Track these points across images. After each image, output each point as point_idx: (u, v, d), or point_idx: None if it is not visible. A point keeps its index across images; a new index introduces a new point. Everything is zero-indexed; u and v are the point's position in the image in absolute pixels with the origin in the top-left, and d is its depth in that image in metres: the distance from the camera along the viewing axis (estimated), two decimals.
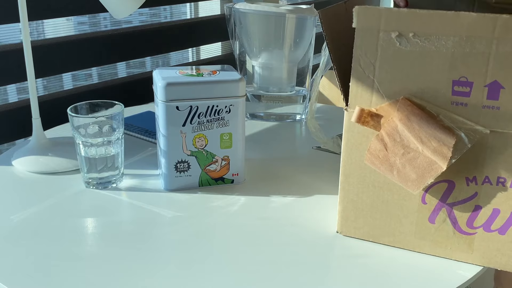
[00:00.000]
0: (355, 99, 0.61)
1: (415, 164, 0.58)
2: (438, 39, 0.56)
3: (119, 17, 0.86)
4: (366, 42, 0.59)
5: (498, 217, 0.59)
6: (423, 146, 0.57)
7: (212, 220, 0.72)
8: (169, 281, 0.59)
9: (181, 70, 0.78)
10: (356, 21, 0.58)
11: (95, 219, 0.72)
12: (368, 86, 0.60)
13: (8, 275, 0.59)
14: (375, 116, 0.60)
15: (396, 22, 0.57)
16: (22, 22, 0.82)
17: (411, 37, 0.57)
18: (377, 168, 0.61)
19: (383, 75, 0.59)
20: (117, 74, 1.37)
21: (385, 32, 0.57)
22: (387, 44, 0.58)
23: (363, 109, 0.60)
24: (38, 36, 1.25)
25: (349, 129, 0.63)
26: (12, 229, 0.68)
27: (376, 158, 0.60)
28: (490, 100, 0.56)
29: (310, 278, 0.60)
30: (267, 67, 1.05)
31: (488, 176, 0.58)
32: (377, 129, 0.60)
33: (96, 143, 0.76)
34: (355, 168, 0.64)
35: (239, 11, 1.03)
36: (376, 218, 0.65)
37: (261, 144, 0.88)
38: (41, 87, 1.25)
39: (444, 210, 0.61)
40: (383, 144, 0.59)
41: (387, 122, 0.59)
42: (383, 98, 0.60)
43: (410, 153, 0.58)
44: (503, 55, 0.54)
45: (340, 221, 0.67)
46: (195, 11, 1.51)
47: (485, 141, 0.57)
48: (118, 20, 1.34)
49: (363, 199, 0.65)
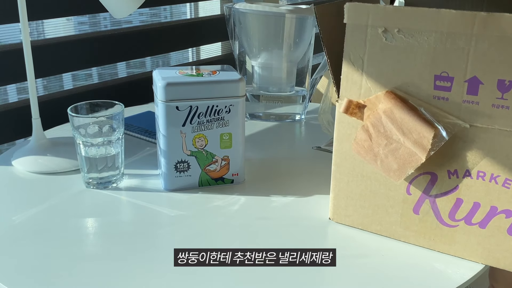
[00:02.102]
0: (345, 92, 0.64)
1: (397, 154, 0.60)
2: (421, 34, 0.57)
3: (119, 17, 0.86)
4: (355, 37, 0.61)
5: (478, 211, 0.60)
6: (404, 138, 0.59)
7: (212, 220, 0.72)
8: (169, 281, 0.59)
9: (181, 70, 0.78)
10: (347, 17, 0.61)
11: (95, 219, 0.72)
12: (357, 79, 0.62)
13: (8, 275, 0.59)
14: (362, 107, 0.62)
15: (383, 18, 0.59)
16: (22, 22, 0.82)
17: (396, 32, 0.59)
18: (362, 157, 0.63)
19: (370, 69, 0.61)
20: (117, 74, 1.37)
21: (372, 27, 0.60)
22: (375, 39, 0.60)
23: (351, 101, 0.62)
24: (38, 36, 1.25)
25: (340, 120, 0.65)
26: (12, 229, 0.68)
27: (362, 148, 0.63)
28: (470, 95, 0.57)
29: (310, 278, 0.60)
30: (267, 67, 1.05)
31: (469, 169, 0.60)
32: (363, 120, 0.62)
33: (96, 143, 0.76)
34: (346, 158, 0.66)
35: (238, 11, 1.03)
36: (364, 206, 0.67)
37: (261, 144, 0.88)
38: (41, 87, 1.25)
39: (427, 201, 0.63)
40: (368, 135, 0.62)
41: (372, 114, 0.61)
42: (371, 91, 0.62)
43: (393, 144, 0.60)
44: (482, 51, 0.55)
45: (332, 208, 0.70)
46: (195, 11, 1.52)
47: (465, 135, 0.58)
48: (118, 20, 1.34)
49: (353, 188, 0.67)
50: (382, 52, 0.60)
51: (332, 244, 0.65)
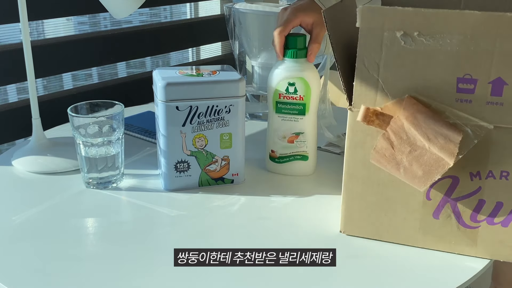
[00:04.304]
0: (359, 98, 0.61)
1: (422, 161, 0.58)
2: (443, 37, 0.56)
3: (119, 17, 0.86)
4: (370, 42, 0.59)
5: (501, 210, 0.60)
6: (430, 143, 0.58)
7: (212, 220, 0.72)
8: (169, 281, 0.59)
9: (181, 70, 0.78)
10: (360, 20, 0.58)
11: (95, 219, 0.72)
12: (372, 85, 0.60)
13: (8, 275, 0.59)
14: (380, 115, 0.60)
15: (401, 21, 0.57)
16: (22, 22, 0.82)
17: (416, 36, 0.57)
18: (383, 166, 0.61)
19: (387, 74, 0.59)
20: (117, 74, 1.37)
21: (389, 31, 0.58)
22: (392, 43, 0.58)
23: (368, 108, 0.60)
24: (38, 36, 1.25)
25: (352, 128, 0.63)
26: (12, 229, 0.68)
27: (383, 156, 0.60)
28: (494, 96, 0.57)
29: (310, 278, 0.60)
30: (267, 67, 1.05)
31: (492, 170, 0.59)
32: (382, 128, 0.60)
33: (96, 143, 0.76)
34: (359, 167, 0.64)
35: (238, 11, 1.03)
36: (380, 216, 0.65)
37: (261, 144, 0.88)
38: (41, 87, 1.25)
39: (448, 205, 0.62)
40: (389, 143, 0.60)
41: (393, 121, 0.59)
42: (388, 97, 0.60)
43: (417, 150, 0.58)
44: (507, 52, 0.55)
45: (344, 220, 0.67)
46: (195, 11, 1.52)
47: (489, 136, 0.58)
48: (118, 20, 1.34)
49: (367, 198, 0.65)
50: (400, 57, 0.58)
51: (332, 244, 0.65)
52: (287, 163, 0.83)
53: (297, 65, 0.79)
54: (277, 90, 0.79)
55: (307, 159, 0.83)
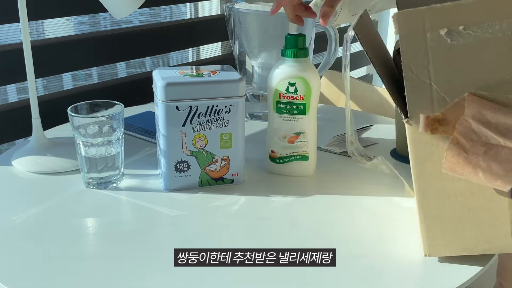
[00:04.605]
0: (415, 109, 0.57)
1: (501, 159, 0.54)
2: (491, 25, 0.53)
3: (119, 17, 0.86)
4: (413, 47, 0.55)
5: None
6: (504, 139, 0.54)
7: (212, 220, 0.72)
8: (169, 281, 0.59)
9: (181, 70, 0.78)
10: (398, 27, 0.55)
11: (95, 219, 0.72)
12: (426, 92, 0.56)
13: (8, 275, 0.59)
14: (443, 120, 0.56)
15: (442, 18, 0.54)
16: (22, 22, 0.82)
17: (462, 30, 0.53)
18: (459, 174, 0.56)
19: (439, 76, 0.55)
20: (117, 74, 1.37)
21: (432, 31, 0.54)
22: (437, 43, 0.54)
23: (428, 117, 0.56)
24: (38, 36, 1.25)
25: (414, 142, 0.58)
26: (12, 229, 0.68)
27: (456, 164, 0.56)
28: None
29: (310, 278, 0.60)
30: (267, 67, 1.05)
31: None
32: (449, 134, 0.56)
33: (96, 143, 0.76)
34: (431, 181, 0.59)
35: (238, 11, 1.03)
36: (465, 229, 0.59)
37: (261, 144, 0.88)
38: (41, 87, 1.25)
39: None
40: (460, 147, 0.55)
41: (459, 123, 0.55)
42: (446, 100, 0.56)
43: (492, 149, 0.54)
44: None
45: (427, 242, 0.61)
46: (195, 11, 1.52)
47: None
48: (118, 20, 1.34)
49: (447, 212, 0.59)
50: (449, 55, 0.54)
51: (332, 244, 0.65)
52: (287, 163, 0.83)
53: (298, 65, 0.79)
54: (277, 90, 0.79)
55: (307, 159, 0.83)
